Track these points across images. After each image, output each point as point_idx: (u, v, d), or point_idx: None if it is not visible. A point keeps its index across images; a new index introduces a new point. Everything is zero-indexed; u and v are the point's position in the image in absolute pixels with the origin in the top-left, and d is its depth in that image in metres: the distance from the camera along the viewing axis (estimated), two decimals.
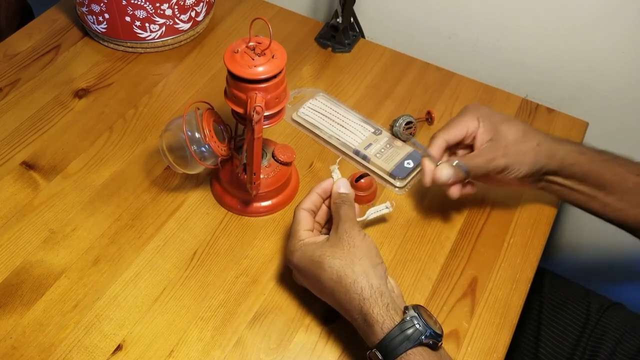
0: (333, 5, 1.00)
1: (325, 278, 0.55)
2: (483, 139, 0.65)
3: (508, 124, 0.65)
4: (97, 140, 0.78)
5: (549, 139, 0.66)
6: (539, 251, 0.71)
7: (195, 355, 0.61)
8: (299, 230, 0.60)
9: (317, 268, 0.56)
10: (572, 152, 0.65)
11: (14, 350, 0.60)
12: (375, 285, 0.54)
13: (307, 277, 0.58)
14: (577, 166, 0.65)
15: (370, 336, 0.53)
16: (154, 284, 0.65)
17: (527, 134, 0.65)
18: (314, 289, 0.59)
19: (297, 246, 0.58)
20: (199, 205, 0.72)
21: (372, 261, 0.55)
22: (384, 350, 0.51)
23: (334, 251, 0.56)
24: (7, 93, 0.83)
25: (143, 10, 0.83)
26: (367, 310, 0.53)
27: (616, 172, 0.65)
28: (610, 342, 0.76)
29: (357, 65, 0.90)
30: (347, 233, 0.57)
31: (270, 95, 0.59)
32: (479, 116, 0.66)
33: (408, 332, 0.51)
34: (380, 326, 0.52)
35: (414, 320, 0.52)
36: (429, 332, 0.52)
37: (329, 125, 0.80)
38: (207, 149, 0.65)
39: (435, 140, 0.66)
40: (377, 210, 0.68)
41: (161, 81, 0.86)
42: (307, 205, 0.61)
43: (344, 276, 0.54)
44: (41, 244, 0.68)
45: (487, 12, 0.90)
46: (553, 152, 0.65)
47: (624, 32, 0.82)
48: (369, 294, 0.53)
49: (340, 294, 0.54)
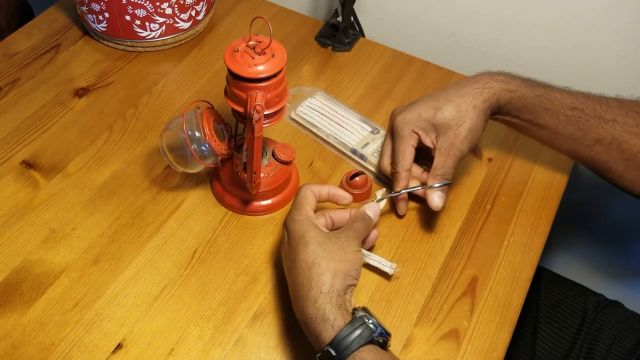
0: (333, 4, 1.00)
1: (301, 257, 0.56)
2: (431, 140, 0.67)
3: (440, 112, 0.66)
4: (97, 139, 0.78)
5: (478, 89, 0.67)
6: (539, 250, 0.71)
7: (195, 354, 0.61)
8: (304, 204, 0.60)
9: (302, 245, 0.56)
10: (503, 92, 0.67)
11: (14, 349, 0.60)
12: (337, 286, 0.54)
13: (290, 250, 0.58)
14: (510, 104, 0.68)
15: (321, 334, 0.53)
16: (154, 283, 0.65)
17: (460, 106, 0.66)
18: (287, 263, 0.59)
19: (301, 217, 0.59)
20: (199, 204, 0.72)
21: (348, 271, 0.56)
22: (336, 348, 0.51)
23: (325, 241, 0.56)
24: (7, 92, 0.83)
25: (143, 9, 0.83)
26: (321, 305, 0.53)
27: (548, 107, 0.67)
28: (606, 340, 0.77)
29: (357, 65, 0.90)
30: (347, 239, 0.58)
31: (271, 94, 0.59)
32: (412, 128, 0.67)
33: (360, 330, 0.52)
34: (332, 323, 0.52)
35: (364, 318, 0.53)
36: (379, 330, 0.53)
37: (327, 124, 0.80)
38: (207, 148, 0.65)
39: (400, 176, 0.68)
40: (380, 262, 0.65)
41: (161, 80, 0.86)
42: (315, 188, 0.62)
43: (317, 265, 0.55)
44: (41, 243, 0.68)
45: (486, 11, 0.90)
46: (487, 102, 0.67)
47: (624, 30, 0.82)
48: (327, 291, 0.54)
49: (304, 279, 0.55)
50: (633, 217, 1.03)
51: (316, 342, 0.54)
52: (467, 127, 0.66)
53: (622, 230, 1.07)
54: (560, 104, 0.67)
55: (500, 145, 0.81)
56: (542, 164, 0.79)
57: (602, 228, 1.10)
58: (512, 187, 0.76)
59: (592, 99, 0.67)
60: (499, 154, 0.80)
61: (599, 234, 1.11)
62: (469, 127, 0.66)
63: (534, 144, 0.80)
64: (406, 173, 0.68)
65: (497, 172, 0.78)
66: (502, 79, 0.68)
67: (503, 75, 0.68)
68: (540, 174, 0.78)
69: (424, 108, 0.67)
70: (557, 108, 0.67)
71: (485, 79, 0.68)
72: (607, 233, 1.10)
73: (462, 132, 0.66)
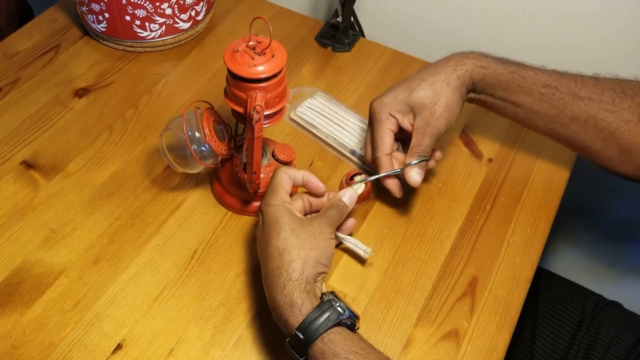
0: (333, 4, 1.00)
1: (273, 244, 0.56)
2: (409, 121, 0.67)
3: (414, 92, 0.66)
4: (97, 139, 0.78)
5: (450, 67, 0.67)
6: (539, 250, 0.71)
7: (195, 354, 0.61)
8: (280, 188, 0.60)
9: (275, 232, 0.56)
10: (475, 68, 0.67)
11: (14, 350, 0.60)
12: (306, 273, 0.55)
13: (264, 235, 0.58)
14: (483, 81, 0.67)
15: (289, 318, 0.53)
16: (154, 283, 0.65)
17: (434, 84, 0.66)
18: (260, 248, 0.59)
19: (277, 202, 0.59)
20: (199, 204, 0.72)
21: (319, 259, 0.56)
22: (304, 332, 0.52)
23: (298, 228, 0.57)
24: (7, 92, 0.83)
25: (143, 9, 0.83)
26: (289, 291, 0.54)
27: (521, 84, 0.67)
28: (604, 340, 0.77)
29: (357, 65, 0.90)
30: (320, 227, 0.58)
31: (270, 94, 0.59)
32: (388, 111, 0.67)
33: (327, 313, 0.52)
34: (299, 308, 0.53)
35: (332, 302, 0.53)
36: (347, 312, 0.53)
37: (326, 124, 0.80)
38: (207, 148, 0.65)
39: (382, 161, 0.68)
40: (356, 244, 0.66)
41: (161, 80, 0.86)
42: (291, 172, 0.62)
43: (286, 252, 0.55)
44: (41, 243, 0.68)
45: (486, 11, 0.90)
46: (461, 79, 0.67)
47: (625, 31, 0.82)
48: (296, 278, 0.54)
49: (274, 266, 0.55)
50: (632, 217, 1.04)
51: (285, 327, 0.54)
52: (442, 105, 0.66)
53: (622, 230, 1.07)
54: (534, 81, 0.67)
55: (500, 146, 0.81)
56: (542, 164, 0.79)
57: (602, 228, 1.10)
58: (512, 188, 0.76)
59: (567, 76, 0.67)
60: (499, 154, 0.80)
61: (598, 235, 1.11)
62: (445, 105, 0.66)
63: (534, 144, 0.80)
64: (387, 158, 0.68)
65: (497, 172, 0.78)
66: (474, 56, 0.68)
67: (475, 54, 0.68)
68: (540, 175, 0.78)
69: (399, 90, 0.68)
70: (531, 85, 0.67)
71: (457, 57, 0.68)
72: (607, 233, 1.10)
73: (438, 110, 0.66)
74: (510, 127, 0.82)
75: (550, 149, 0.80)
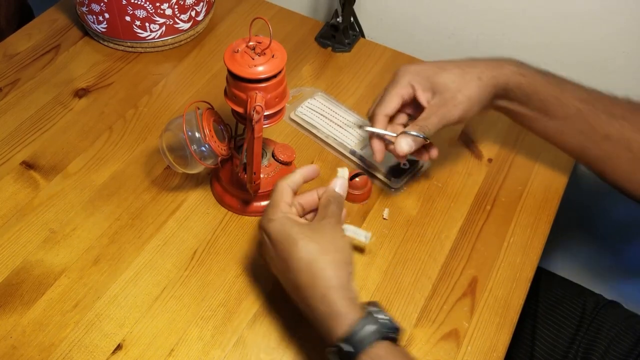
0: (333, 4, 1.00)
1: (295, 257, 0.54)
2: (426, 98, 0.65)
3: (443, 73, 0.64)
4: (97, 140, 0.78)
5: (489, 65, 0.65)
6: (539, 251, 0.71)
7: (195, 355, 0.61)
8: (280, 202, 0.58)
9: (291, 245, 0.54)
10: (514, 74, 0.65)
11: (14, 350, 0.60)
12: (342, 278, 0.53)
13: (277, 252, 0.56)
14: (520, 89, 0.65)
15: (333, 328, 0.52)
16: (154, 284, 0.65)
17: (466, 74, 0.64)
18: (279, 266, 0.57)
19: (278, 216, 0.56)
20: (199, 204, 0.72)
21: (344, 259, 0.55)
22: (350, 342, 0.51)
23: (313, 235, 0.55)
24: (7, 93, 0.83)
25: (143, 9, 0.83)
26: (332, 299, 0.52)
27: (558, 97, 0.65)
28: (604, 340, 0.77)
29: (357, 65, 0.90)
30: (331, 227, 0.56)
31: (270, 94, 0.59)
32: (410, 80, 0.65)
33: (375, 325, 0.51)
34: (345, 318, 0.51)
35: (379, 314, 0.52)
36: (393, 326, 0.52)
37: (326, 124, 0.80)
38: (207, 148, 0.65)
39: (376, 118, 0.65)
40: (355, 232, 0.66)
41: (161, 81, 0.86)
42: (290, 182, 0.60)
43: (314, 261, 0.53)
44: (41, 243, 0.68)
45: (486, 11, 0.90)
46: (495, 79, 0.65)
47: (625, 31, 0.82)
48: (336, 284, 0.53)
49: (307, 279, 0.53)
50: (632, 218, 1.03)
51: (327, 337, 0.53)
52: (466, 94, 0.63)
53: (622, 231, 1.07)
54: (571, 95, 0.65)
55: (501, 146, 0.81)
56: (542, 164, 0.79)
57: (602, 229, 1.10)
58: (512, 188, 0.76)
59: (602, 94, 0.66)
60: (499, 154, 0.80)
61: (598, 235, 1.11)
62: (468, 95, 0.63)
63: (534, 145, 0.80)
64: (382, 117, 0.65)
65: (497, 172, 0.78)
66: (514, 62, 0.66)
67: (516, 60, 0.67)
68: (540, 175, 0.78)
69: (430, 65, 0.65)
70: (568, 99, 0.65)
71: (498, 59, 0.66)
72: (607, 234, 1.10)
73: (459, 97, 0.63)
74: (510, 128, 0.82)
75: (550, 150, 0.80)
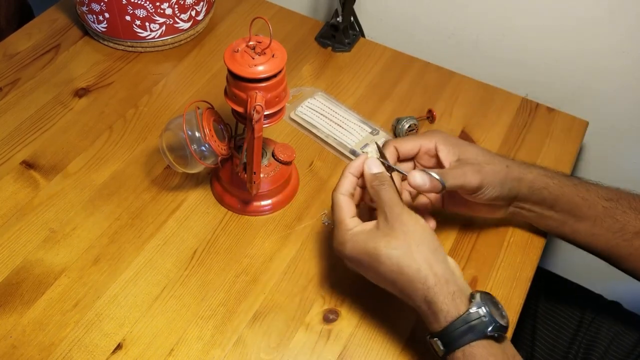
0: (333, 4, 1.00)
1: (384, 270, 0.53)
2: (449, 159, 0.62)
3: (471, 147, 0.63)
4: (97, 139, 0.78)
5: (517, 162, 0.64)
6: (539, 250, 0.71)
7: (195, 354, 0.61)
8: (344, 219, 0.56)
9: (374, 260, 0.54)
10: (540, 176, 0.63)
11: (14, 349, 0.60)
12: (439, 272, 0.52)
13: (363, 268, 0.56)
14: (547, 190, 0.63)
15: (432, 323, 0.52)
16: (154, 283, 0.65)
17: (494, 157, 0.63)
18: (371, 278, 0.57)
19: (347, 237, 0.55)
20: (199, 204, 0.72)
21: (430, 246, 0.53)
22: (445, 340, 0.50)
23: (389, 241, 0.53)
24: (7, 93, 0.83)
25: (143, 9, 0.83)
26: (432, 298, 0.51)
27: (585, 197, 0.64)
28: (604, 340, 0.77)
29: (357, 65, 0.90)
30: (399, 219, 0.54)
31: (271, 94, 0.59)
32: (436, 140, 0.62)
33: (472, 324, 0.50)
34: (444, 315, 0.51)
35: (480, 311, 0.50)
36: (494, 324, 0.50)
37: (327, 124, 0.80)
38: (207, 148, 0.65)
39: (387, 146, 0.62)
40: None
41: (161, 80, 0.86)
42: (345, 188, 0.58)
43: (406, 266, 0.52)
44: (41, 243, 0.68)
45: (487, 12, 0.90)
46: (522, 174, 0.62)
47: (625, 31, 0.82)
48: (434, 282, 0.52)
49: (403, 284, 0.53)
50: None
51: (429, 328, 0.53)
52: (491, 167, 0.61)
53: None
54: (596, 194, 0.63)
55: (501, 146, 0.81)
56: (542, 164, 0.79)
57: None
58: None
59: (623, 191, 0.65)
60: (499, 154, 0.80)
61: None
62: (493, 169, 0.61)
63: (534, 145, 0.80)
64: (393, 148, 0.62)
65: None
66: (539, 166, 0.65)
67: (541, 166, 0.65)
68: None
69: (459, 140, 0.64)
70: (594, 198, 0.63)
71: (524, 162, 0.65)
72: None
73: (485, 168, 0.60)
74: (510, 128, 0.82)
75: (550, 150, 0.80)
